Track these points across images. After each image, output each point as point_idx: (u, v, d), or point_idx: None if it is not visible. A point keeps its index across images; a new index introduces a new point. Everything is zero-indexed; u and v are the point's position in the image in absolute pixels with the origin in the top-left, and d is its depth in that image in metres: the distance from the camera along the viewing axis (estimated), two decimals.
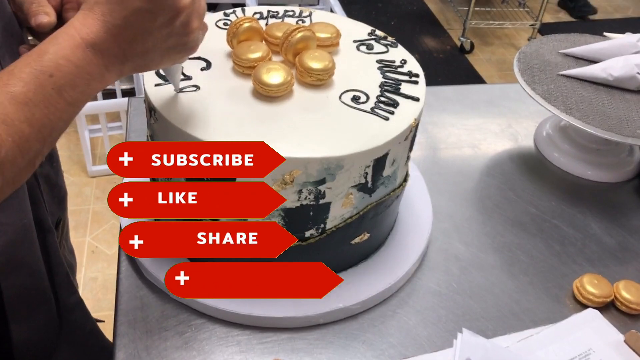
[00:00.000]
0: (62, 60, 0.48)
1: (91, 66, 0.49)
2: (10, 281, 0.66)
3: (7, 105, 0.45)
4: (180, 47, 0.55)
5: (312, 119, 0.67)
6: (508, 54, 3.29)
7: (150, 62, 0.54)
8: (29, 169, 0.49)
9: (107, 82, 0.52)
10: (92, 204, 2.10)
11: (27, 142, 0.46)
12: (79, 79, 0.49)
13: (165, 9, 0.50)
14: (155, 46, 0.52)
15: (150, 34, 0.51)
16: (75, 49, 0.48)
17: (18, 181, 0.48)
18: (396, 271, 0.76)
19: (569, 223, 0.90)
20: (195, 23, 0.53)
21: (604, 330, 0.73)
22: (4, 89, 0.45)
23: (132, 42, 0.50)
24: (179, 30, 0.52)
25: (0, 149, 0.44)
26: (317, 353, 0.69)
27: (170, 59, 0.56)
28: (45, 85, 0.47)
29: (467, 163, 1.01)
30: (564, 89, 0.97)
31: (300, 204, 0.64)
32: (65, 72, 0.48)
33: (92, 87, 0.50)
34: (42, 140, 0.48)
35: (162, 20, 0.50)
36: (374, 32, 0.84)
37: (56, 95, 0.47)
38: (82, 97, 0.50)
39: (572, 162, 1.01)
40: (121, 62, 0.51)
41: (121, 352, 0.67)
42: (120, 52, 0.50)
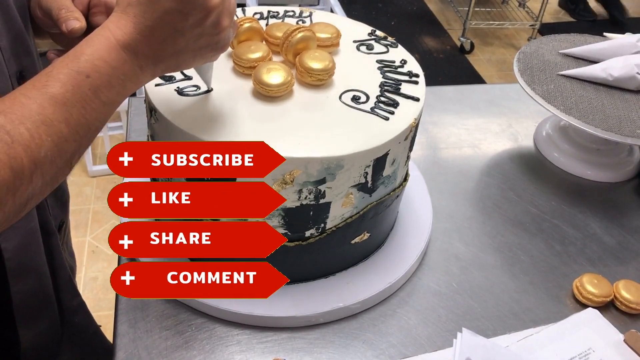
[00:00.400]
0: (98, 61, 0.49)
1: (126, 67, 0.50)
2: (19, 286, 0.66)
3: (47, 106, 0.46)
4: (211, 46, 0.55)
5: (312, 119, 0.67)
6: (508, 54, 3.29)
7: (182, 62, 0.55)
8: (66, 169, 0.49)
9: (141, 83, 0.53)
10: (93, 203, 2.10)
11: (65, 142, 0.47)
12: (115, 80, 0.50)
13: (196, 9, 0.50)
14: (187, 46, 0.53)
15: (182, 34, 0.51)
16: (110, 50, 0.49)
17: (56, 181, 0.49)
18: (396, 271, 0.76)
19: (569, 223, 0.91)
20: (225, 21, 0.54)
21: (604, 330, 0.73)
22: (42, 90, 0.46)
23: (164, 43, 0.51)
24: (209, 30, 0.53)
25: (40, 149, 0.45)
26: (317, 352, 0.69)
27: (202, 58, 0.56)
28: (82, 85, 0.48)
29: (467, 163, 1.01)
30: (564, 89, 0.97)
31: (300, 203, 0.65)
32: (102, 73, 0.49)
33: (127, 87, 0.52)
34: (78, 140, 0.48)
35: (193, 20, 0.51)
36: (374, 32, 0.84)
37: (92, 95, 0.48)
38: (117, 97, 0.51)
39: (572, 162, 1.01)
40: (154, 63, 0.52)
41: (121, 352, 0.67)
42: (153, 52, 0.51)
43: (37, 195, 0.48)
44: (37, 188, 0.46)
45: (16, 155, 0.44)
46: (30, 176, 0.45)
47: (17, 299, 0.67)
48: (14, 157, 0.43)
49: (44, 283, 0.70)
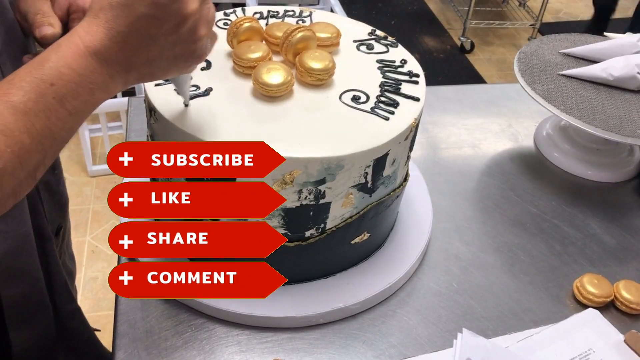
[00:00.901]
0: (64, 68, 0.46)
1: (95, 75, 0.48)
2: (10, 290, 0.66)
3: (7, 115, 0.44)
4: (187, 56, 0.53)
5: (312, 119, 0.67)
6: (508, 54, 3.29)
7: (156, 70, 0.52)
8: (30, 181, 0.47)
9: (112, 92, 0.51)
10: (92, 203, 2.10)
11: (27, 153, 0.45)
12: (82, 88, 0.47)
13: (171, 15, 0.48)
14: (162, 54, 0.50)
15: (156, 41, 0.49)
16: (78, 57, 0.47)
17: (19, 193, 0.47)
18: (396, 271, 0.76)
19: (569, 223, 0.90)
20: (202, 30, 0.52)
21: (604, 330, 0.73)
22: (3, 99, 0.44)
23: (137, 50, 0.49)
24: (185, 38, 0.51)
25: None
26: (317, 353, 0.69)
27: (177, 67, 0.54)
28: (46, 94, 0.45)
29: (468, 163, 1.01)
30: (564, 89, 0.97)
31: (300, 203, 0.64)
32: (67, 81, 0.46)
33: (96, 96, 0.49)
34: (42, 151, 0.46)
35: (168, 27, 0.49)
36: (374, 32, 0.84)
37: (57, 104, 0.46)
38: (85, 107, 0.49)
39: (572, 162, 1.01)
40: (126, 71, 0.50)
41: (121, 352, 0.67)
42: (125, 60, 0.49)
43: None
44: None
45: None
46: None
47: (7, 302, 0.66)
48: None
49: (37, 287, 0.69)
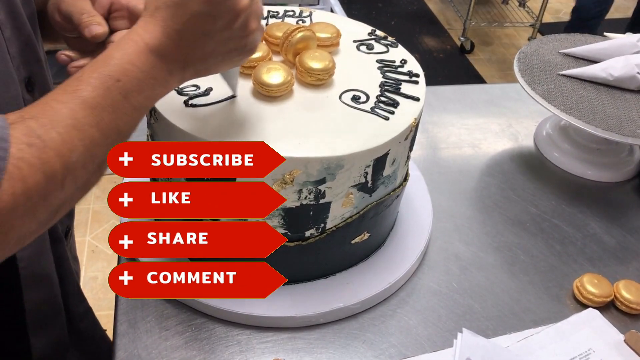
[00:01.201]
0: (128, 65, 0.48)
1: (155, 71, 0.50)
2: (32, 294, 0.66)
3: (78, 110, 0.45)
4: (239, 50, 0.55)
5: (312, 119, 0.67)
6: (508, 54, 3.29)
7: (211, 65, 0.54)
8: (97, 174, 0.49)
9: (170, 87, 0.53)
10: (92, 203, 2.10)
11: (97, 147, 0.47)
12: (145, 84, 0.49)
13: (224, 12, 0.50)
14: (216, 50, 0.52)
15: (211, 37, 0.51)
16: (140, 54, 0.49)
17: (88, 187, 0.49)
18: (396, 271, 0.76)
19: (569, 223, 0.90)
20: (253, 24, 0.53)
21: (604, 330, 0.73)
22: (74, 94, 0.46)
23: (193, 47, 0.51)
24: (238, 33, 0.52)
25: (72, 153, 0.45)
26: (317, 353, 0.69)
27: (230, 61, 0.56)
28: (112, 89, 0.47)
29: (468, 162, 1.01)
30: (564, 89, 0.97)
31: (300, 203, 0.64)
32: (132, 77, 0.48)
33: (157, 92, 0.51)
34: (110, 144, 0.48)
35: (222, 23, 0.50)
36: (374, 32, 0.84)
37: (123, 99, 0.48)
38: (147, 102, 0.51)
39: (572, 162, 1.01)
40: (183, 67, 0.52)
41: (121, 352, 0.67)
42: (182, 56, 0.51)
43: (69, 202, 0.47)
44: (69, 194, 0.46)
45: (48, 160, 0.43)
46: (62, 181, 0.45)
47: (29, 307, 0.66)
48: (46, 161, 0.43)
49: (53, 291, 0.70)
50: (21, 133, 0.43)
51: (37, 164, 0.43)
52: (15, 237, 0.44)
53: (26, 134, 0.43)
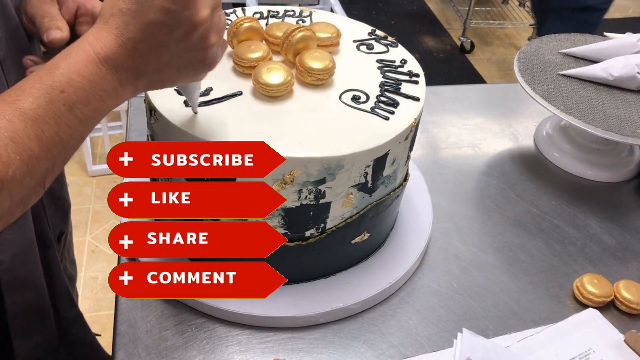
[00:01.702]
0: (75, 75, 0.46)
1: (105, 82, 0.47)
2: (14, 298, 0.65)
3: (17, 122, 0.43)
4: (197, 63, 0.52)
5: (312, 118, 0.67)
6: (508, 54, 3.29)
7: (165, 78, 0.52)
8: (38, 189, 0.47)
9: (121, 99, 0.50)
10: (92, 203, 2.10)
11: (36, 161, 0.45)
12: (92, 95, 0.47)
13: (181, 23, 0.48)
14: (171, 62, 0.50)
15: (166, 48, 0.49)
16: (88, 64, 0.47)
17: (27, 202, 0.47)
18: (396, 271, 0.76)
19: (569, 223, 0.90)
20: (213, 38, 0.51)
21: (604, 330, 0.73)
22: (13, 105, 0.44)
23: (147, 57, 0.48)
24: (196, 45, 0.50)
25: (8, 168, 0.42)
26: (317, 353, 0.69)
27: (187, 75, 0.54)
28: (55, 101, 0.45)
29: (468, 163, 1.01)
30: (564, 89, 0.97)
31: (300, 203, 0.64)
32: (78, 88, 0.46)
33: (106, 103, 0.49)
34: (51, 159, 0.46)
35: (179, 34, 0.48)
36: (374, 31, 0.84)
37: (67, 111, 0.46)
38: (95, 114, 0.48)
39: (572, 162, 1.01)
40: (135, 78, 0.50)
41: (121, 352, 0.67)
42: (135, 66, 0.49)
43: (6, 216, 0.45)
44: (4, 209, 0.44)
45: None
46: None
47: (11, 311, 0.66)
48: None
49: (39, 295, 0.69)
50: None
51: None
52: None
53: None
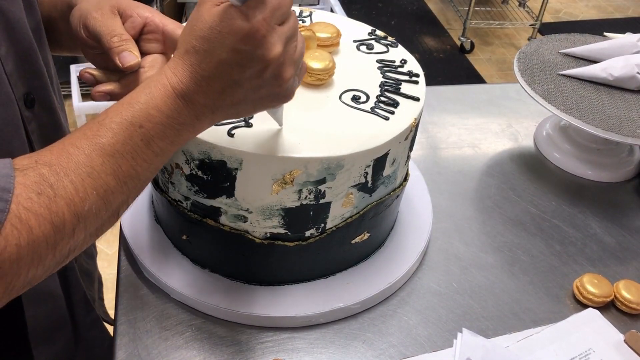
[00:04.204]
0: (153, 110, 0.47)
1: (182, 116, 0.48)
2: (33, 310, 0.65)
3: (95, 157, 0.44)
4: (273, 97, 0.52)
5: (312, 119, 0.67)
6: (508, 54, 3.29)
7: (242, 111, 0.52)
8: (112, 219, 0.48)
9: (199, 131, 0.51)
10: None
11: (112, 195, 0.46)
12: (169, 129, 0.48)
13: (253, 61, 0.47)
14: (246, 97, 0.50)
15: (240, 85, 0.49)
16: (166, 99, 0.47)
17: (101, 232, 0.48)
18: (396, 271, 0.76)
19: (569, 223, 0.90)
20: (288, 73, 0.50)
21: (604, 330, 0.73)
22: (93, 140, 0.45)
23: (221, 94, 0.49)
24: (270, 82, 0.50)
25: (85, 203, 0.44)
26: (317, 353, 0.69)
27: (263, 107, 0.54)
28: (134, 136, 0.46)
29: (467, 163, 1.01)
30: (564, 89, 0.97)
31: (300, 203, 0.64)
32: (156, 123, 0.47)
33: (183, 136, 0.50)
34: (127, 192, 0.47)
35: (251, 72, 0.48)
36: (374, 32, 0.84)
37: (144, 146, 0.47)
38: (171, 147, 0.49)
39: (572, 162, 1.01)
40: (212, 112, 0.50)
41: (121, 352, 0.67)
42: (210, 102, 0.49)
43: (79, 247, 0.46)
44: (79, 241, 0.45)
45: (58, 210, 0.42)
46: (72, 230, 0.44)
47: (31, 323, 0.66)
48: (56, 212, 0.42)
49: (58, 305, 0.69)
50: (32, 181, 0.42)
51: (46, 214, 0.42)
52: (20, 284, 0.43)
53: (37, 182, 0.42)
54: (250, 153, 0.60)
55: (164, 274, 0.73)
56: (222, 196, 0.65)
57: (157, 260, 0.74)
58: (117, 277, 0.75)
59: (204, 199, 0.66)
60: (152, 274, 0.73)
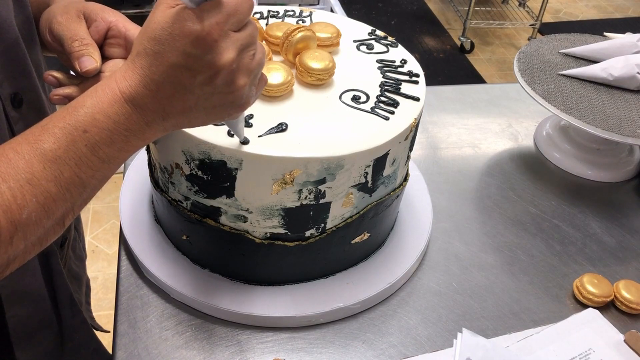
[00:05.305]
0: (99, 115, 0.45)
1: (130, 122, 0.46)
2: (15, 310, 0.65)
3: (35, 163, 0.43)
4: (226, 106, 0.50)
5: (312, 119, 0.67)
6: (508, 54, 3.29)
7: (194, 119, 0.50)
8: (57, 228, 0.46)
9: (149, 139, 0.49)
10: (92, 203, 2.10)
11: (54, 202, 0.44)
12: (117, 135, 0.46)
13: (204, 66, 0.45)
14: (198, 104, 0.48)
15: (191, 91, 0.47)
16: (113, 103, 0.45)
17: (45, 241, 0.46)
18: (396, 271, 0.76)
19: (569, 223, 0.90)
20: (241, 80, 0.48)
21: (604, 330, 0.73)
22: (34, 145, 0.43)
23: (171, 99, 0.47)
24: (222, 89, 0.48)
25: (22, 210, 0.42)
26: (317, 352, 0.69)
27: (217, 116, 0.51)
28: (77, 141, 0.44)
29: (467, 163, 1.01)
30: (564, 89, 0.97)
31: (300, 203, 0.64)
32: (102, 128, 0.45)
33: (132, 144, 0.47)
34: (70, 199, 0.45)
35: (202, 78, 0.46)
36: (374, 32, 0.84)
37: (89, 152, 0.45)
38: (119, 154, 0.47)
39: (572, 162, 1.01)
40: (162, 119, 0.48)
41: (121, 352, 0.67)
42: (160, 108, 0.47)
43: (21, 257, 0.45)
44: (19, 250, 0.43)
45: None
46: (9, 239, 0.42)
47: (12, 323, 0.65)
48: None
49: (41, 305, 0.68)
50: None
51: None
52: None
53: None
54: (250, 153, 0.60)
55: (164, 274, 0.73)
56: (222, 196, 0.65)
57: (157, 260, 0.74)
58: (117, 277, 0.75)
59: (204, 199, 0.66)
60: (152, 274, 0.73)
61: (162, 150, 0.68)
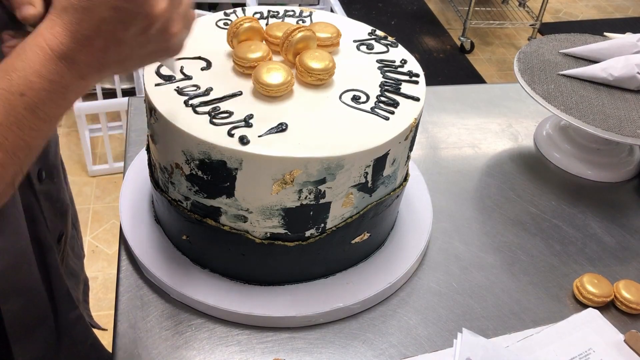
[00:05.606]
0: (33, 76, 0.44)
1: (66, 79, 0.45)
2: (10, 305, 0.65)
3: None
4: (161, 52, 0.51)
5: (312, 119, 0.67)
6: (508, 54, 3.29)
7: (130, 66, 0.50)
8: (8, 190, 0.46)
9: (86, 89, 0.48)
10: (92, 203, 2.10)
11: (3, 168, 0.44)
12: (54, 94, 0.45)
13: (137, 18, 0.45)
14: (133, 54, 0.48)
15: (125, 43, 0.47)
16: (46, 63, 0.44)
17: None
18: (396, 271, 0.76)
19: (569, 223, 0.90)
20: (174, 28, 0.49)
21: (604, 330, 0.73)
22: None
23: (105, 52, 0.46)
24: (156, 38, 0.48)
25: None
26: (317, 352, 0.69)
27: (152, 61, 0.52)
28: (16, 106, 0.43)
29: (467, 163, 1.01)
30: (564, 89, 0.97)
31: (300, 203, 0.65)
32: (38, 90, 0.44)
33: (69, 99, 0.47)
34: (18, 162, 0.45)
35: (136, 29, 0.46)
36: (374, 32, 0.84)
37: (29, 114, 0.44)
38: (59, 110, 0.47)
39: (572, 162, 1.01)
40: (98, 71, 0.48)
41: (121, 352, 0.67)
42: (95, 61, 0.46)
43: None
44: None
45: None
46: None
47: (8, 316, 0.65)
48: None
49: (37, 299, 0.68)
50: None
51: None
52: None
53: None
54: (250, 153, 0.60)
55: (164, 274, 0.73)
56: (222, 196, 0.65)
57: (157, 260, 0.74)
58: (117, 277, 0.75)
59: (204, 199, 0.66)
60: (152, 274, 0.73)
61: (162, 151, 0.68)
